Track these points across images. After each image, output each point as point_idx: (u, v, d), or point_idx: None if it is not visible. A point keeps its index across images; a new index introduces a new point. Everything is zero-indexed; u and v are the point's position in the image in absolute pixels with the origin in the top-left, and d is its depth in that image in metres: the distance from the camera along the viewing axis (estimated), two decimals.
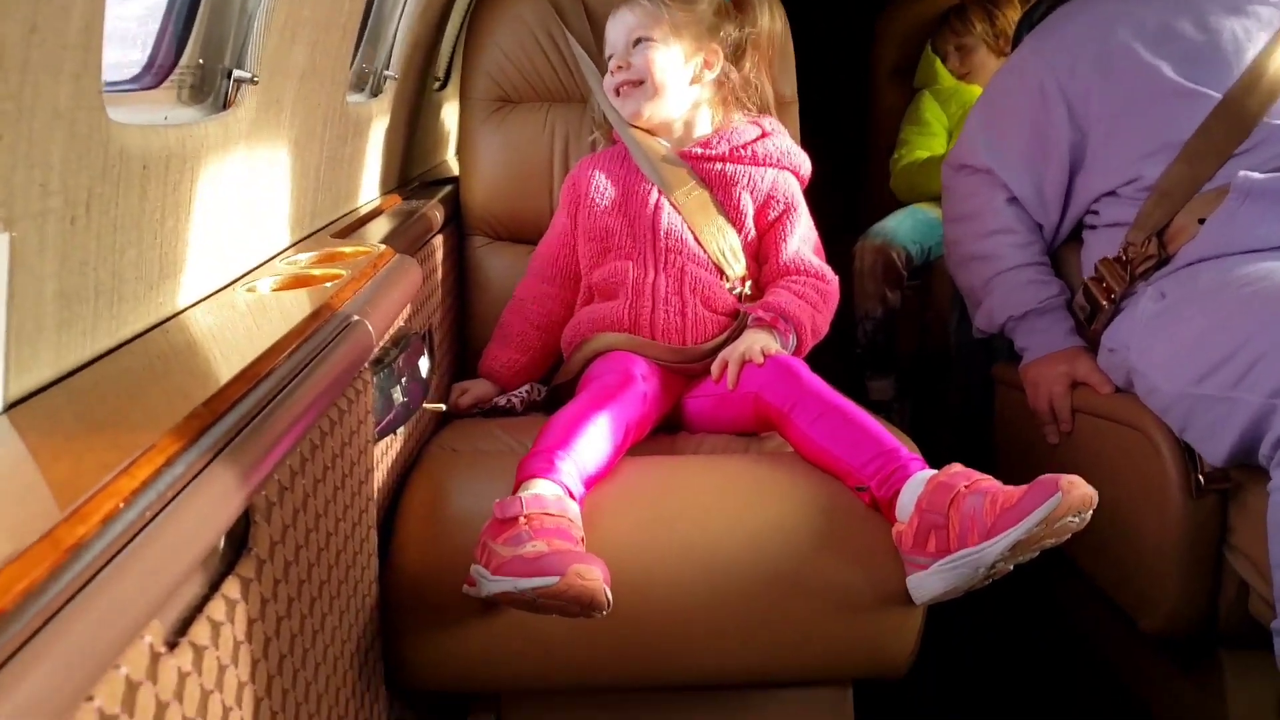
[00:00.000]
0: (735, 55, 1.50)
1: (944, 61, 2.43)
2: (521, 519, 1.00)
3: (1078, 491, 0.96)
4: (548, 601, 0.94)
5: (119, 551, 0.51)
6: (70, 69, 0.64)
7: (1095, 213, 1.49)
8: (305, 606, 0.78)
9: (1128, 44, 1.40)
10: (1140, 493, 1.29)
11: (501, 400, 1.47)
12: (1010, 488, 1.01)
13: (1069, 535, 1.00)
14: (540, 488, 1.06)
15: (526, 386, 1.51)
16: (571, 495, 1.07)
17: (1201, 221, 1.33)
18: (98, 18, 0.65)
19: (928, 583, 1.04)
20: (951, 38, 2.40)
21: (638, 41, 1.45)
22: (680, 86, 1.46)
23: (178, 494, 0.57)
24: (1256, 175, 1.28)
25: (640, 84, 1.46)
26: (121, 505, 0.53)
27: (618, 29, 1.48)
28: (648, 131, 1.49)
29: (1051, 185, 1.50)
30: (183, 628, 0.60)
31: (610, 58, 1.49)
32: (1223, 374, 1.16)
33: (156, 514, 0.54)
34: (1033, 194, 1.51)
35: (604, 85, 1.51)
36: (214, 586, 0.65)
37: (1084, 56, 1.44)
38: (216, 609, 0.63)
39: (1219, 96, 1.34)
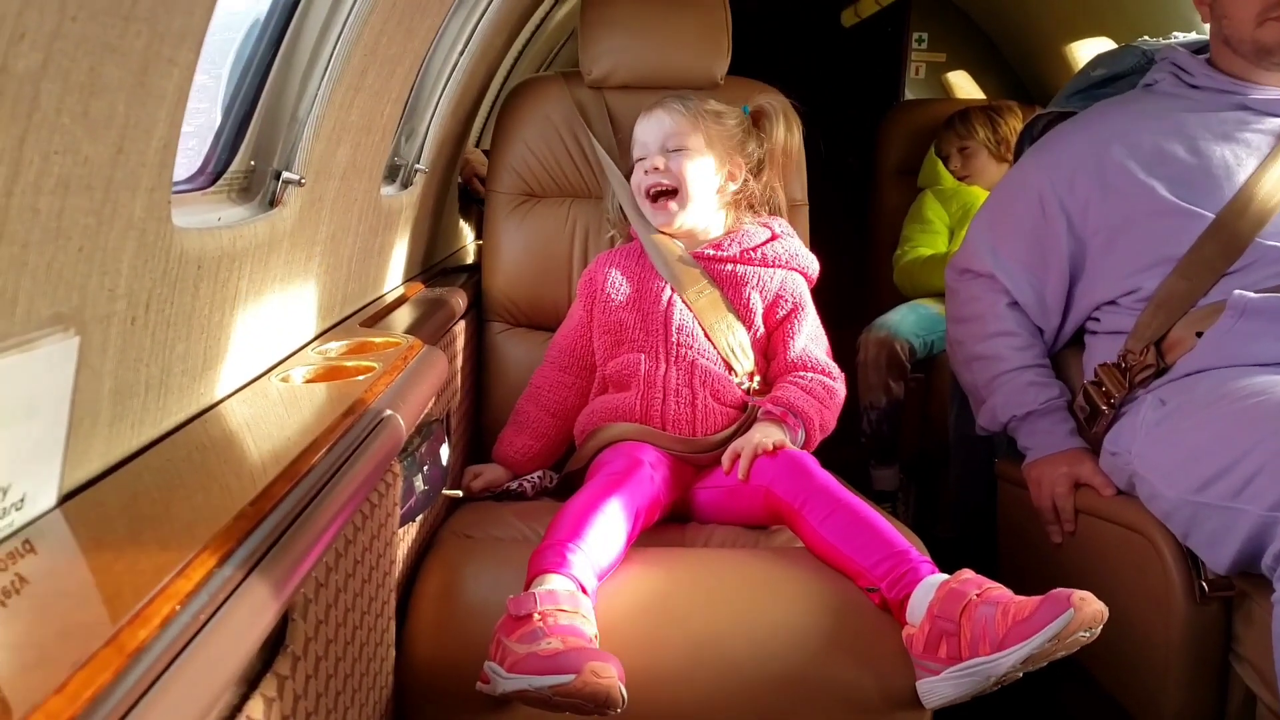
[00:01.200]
0: (755, 168, 1.56)
1: (946, 163, 2.51)
2: (536, 615, 1.01)
3: (1089, 608, 0.99)
4: (563, 699, 0.95)
5: (178, 655, 0.53)
6: (147, 184, 0.68)
7: (1096, 319, 1.53)
8: (331, 701, 0.80)
9: (1123, 163, 1.46)
10: (1144, 597, 1.30)
11: (513, 485, 1.49)
12: (1021, 599, 1.03)
13: (1079, 648, 1.02)
14: (554, 583, 1.07)
15: (539, 473, 1.53)
16: (584, 590, 1.09)
17: (1199, 335, 1.37)
18: (175, 136, 0.70)
19: (938, 688, 1.05)
20: (955, 140, 2.49)
21: (675, 149, 1.49)
22: (709, 196, 1.51)
23: (230, 595, 0.59)
24: (1251, 295, 1.32)
25: (675, 193, 1.50)
26: (178, 607, 0.55)
27: (651, 130, 1.51)
28: (666, 233, 1.54)
29: (1052, 292, 1.54)
30: None
31: (641, 159, 1.52)
32: (1223, 484, 1.18)
33: (211, 615, 0.57)
34: (1034, 300, 1.56)
35: (634, 183, 1.54)
36: (252, 684, 0.66)
37: (1082, 173, 1.50)
38: (255, 708, 0.64)
39: (1211, 216, 1.39)
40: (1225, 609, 1.25)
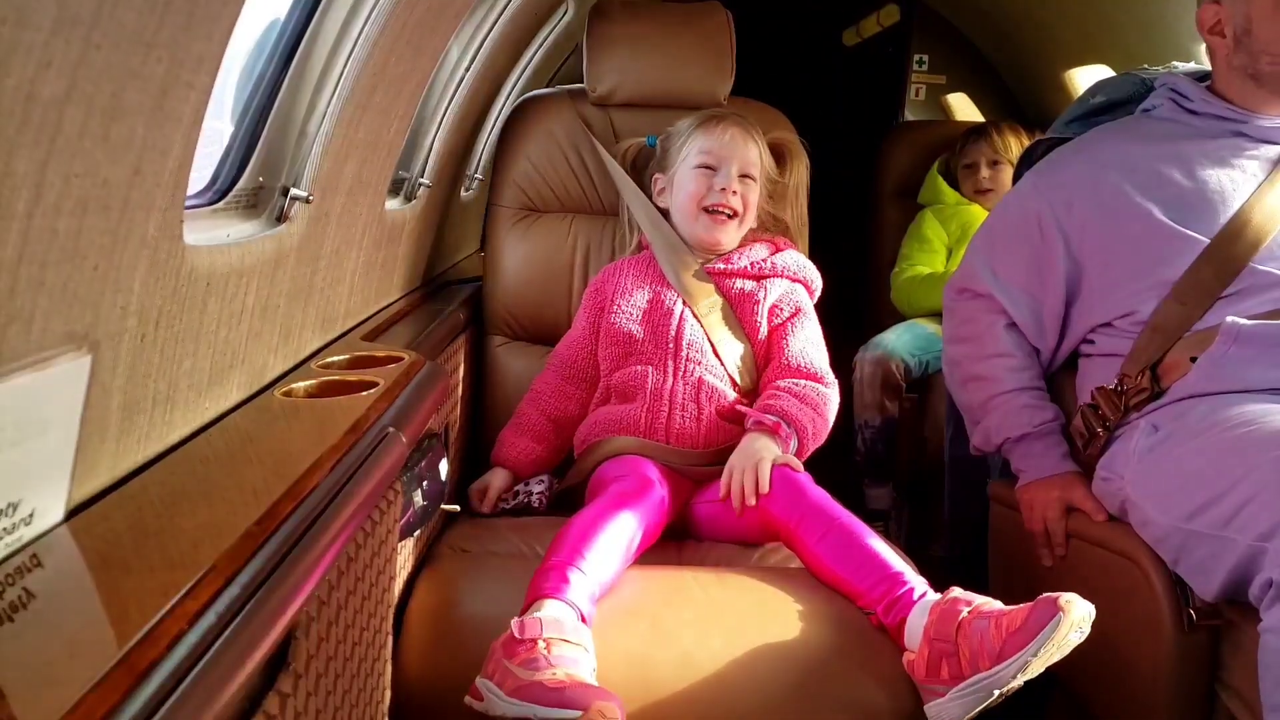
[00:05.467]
0: (770, 196, 1.62)
1: (968, 173, 2.48)
2: (541, 642, 1.01)
3: (1077, 610, 1.02)
4: None
5: (185, 675, 0.53)
6: (161, 203, 0.69)
7: (1091, 342, 1.54)
8: (329, 717, 0.80)
9: (1119, 186, 1.48)
10: (1133, 623, 1.31)
11: (524, 496, 1.49)
12: (1011, 609, 1.05)
13: (1071, 648, 1.04)
14: (557, 611, 1.07)
15: (543, 481, 1.53)
16: (584, 619, 1.09)
17: (1193, 360, 1.38)
18: (190, 156, 0.71)
19: (947, 710, 1.06)
20: (989, 152, 2.47)
21: (744, 175, 1.54)
22: (752, 221, 1.58)
23: (236, 615, 0.60)
24: (1244, 322, 1.33)
25: (734, 216, 1.54)
26: (186, 627, 0.56)
27: (734, 152, 1.53)
28: (687, 246, 1.56)
29: (1049, 313, 1.56)
30: None
31: (711, 170, 1.53)
32: (1213, 512, 1.19)
33: (218, 636, 0.57)
34: (1031, 320, 1.57)
35: (694, 193, 1.53)
36: (255, 702, 0.67)
37: (1080, 196, 1.51)
38: None
39: (1206, 241, 1.41)
40: (1213, 637, 1.26)
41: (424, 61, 1.26)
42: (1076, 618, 1.01)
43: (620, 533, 1.20)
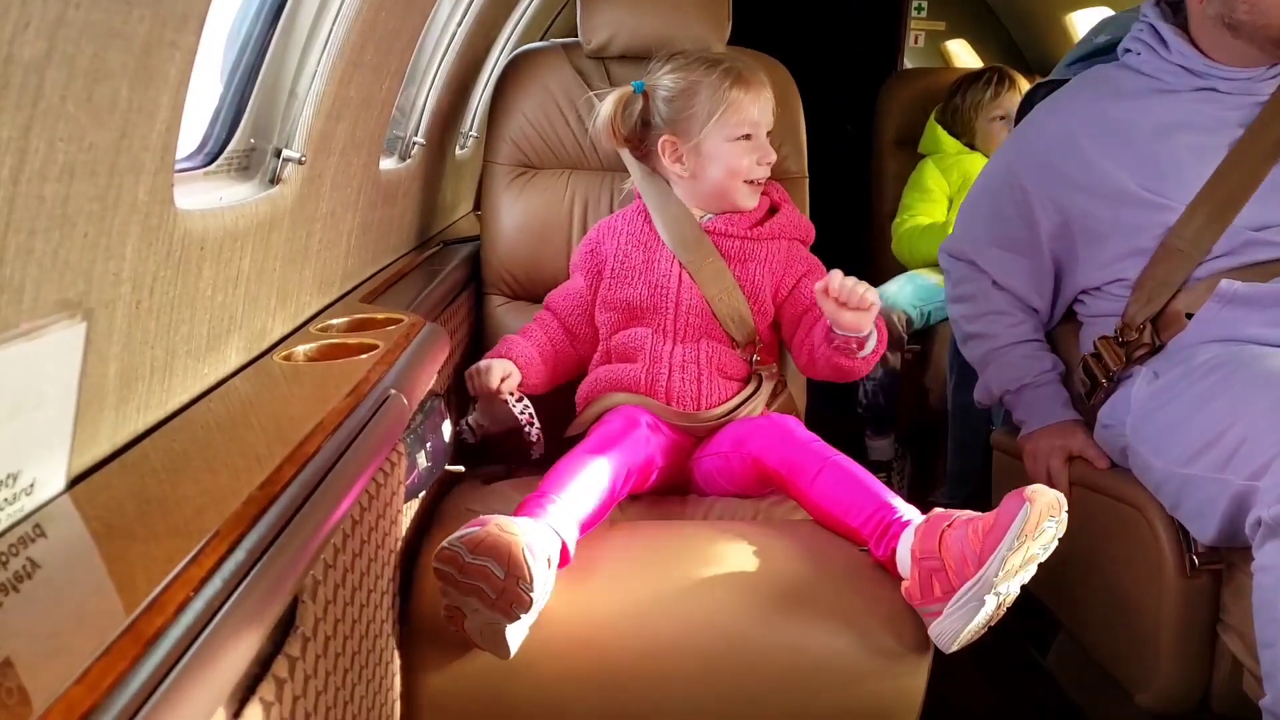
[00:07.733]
0: None
1: (1003, 126, 2.43)
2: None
3: (1043, 498, 1.03)
4: (471, 561, 0.98)
5: (192, 641, 0.53)
6: (150, 167, 0.68)
7: (1083, 304, 1.54)
8: (339, 679, 0.81)
9: (1091, 152, 1.46)
10: (1136, 568, 1.32)
11: (528, 418, 1.44)
12: (986, 514, 1.07)
13: (1054, 541, 1.05)
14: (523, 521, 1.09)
15: (538, 425, 1.51)
16: (562, 541, 1.10)
17: (1189, 316, 1.38)
18: (178, 118, 0.69)
19: (946, 627, 1.06)
20: (1000, 107, 2.43)
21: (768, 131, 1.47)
22: None
23: (242, 580, 0.59)
24: (1239, 284, 1.33)
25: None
26: (192, 594, 0.56)
27: (766, 111, 1.46)
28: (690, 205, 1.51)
29: (1037, 277, 1.56)
30: (239, 707, 0.63)
31: (747, 139, 1.45)
32: (1210, 456, 1.20)
33: (224, 601, 0.57)
34: (1018, 284, 1.57)
35: (735, 166, 1.45)
36: (264, 665, 0.67)
37: (1054, 160, 1.50)
38: (268, 690, 0.65)
39: (1181, 207, 1.39)
40: (1214, 581, 1.27)
41: (415, 16, 1.23)
42: (1044, 504, 1.02)
43: (604, 468, 1.22)
